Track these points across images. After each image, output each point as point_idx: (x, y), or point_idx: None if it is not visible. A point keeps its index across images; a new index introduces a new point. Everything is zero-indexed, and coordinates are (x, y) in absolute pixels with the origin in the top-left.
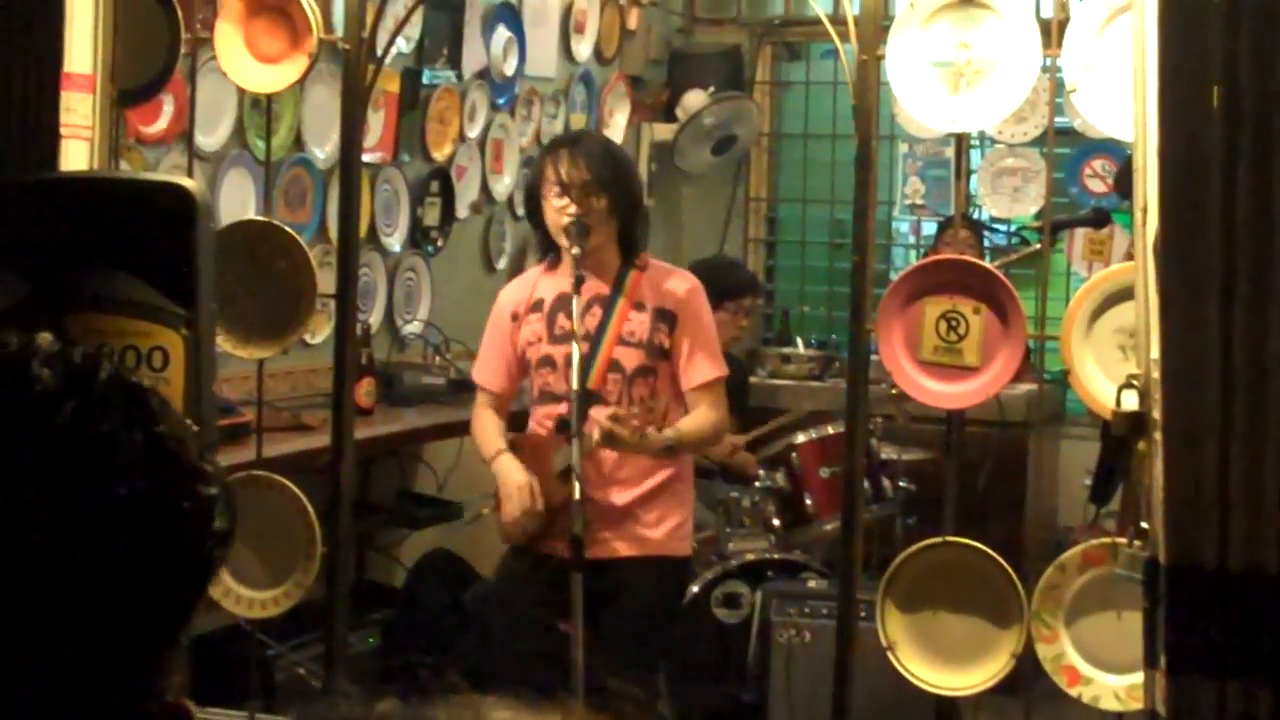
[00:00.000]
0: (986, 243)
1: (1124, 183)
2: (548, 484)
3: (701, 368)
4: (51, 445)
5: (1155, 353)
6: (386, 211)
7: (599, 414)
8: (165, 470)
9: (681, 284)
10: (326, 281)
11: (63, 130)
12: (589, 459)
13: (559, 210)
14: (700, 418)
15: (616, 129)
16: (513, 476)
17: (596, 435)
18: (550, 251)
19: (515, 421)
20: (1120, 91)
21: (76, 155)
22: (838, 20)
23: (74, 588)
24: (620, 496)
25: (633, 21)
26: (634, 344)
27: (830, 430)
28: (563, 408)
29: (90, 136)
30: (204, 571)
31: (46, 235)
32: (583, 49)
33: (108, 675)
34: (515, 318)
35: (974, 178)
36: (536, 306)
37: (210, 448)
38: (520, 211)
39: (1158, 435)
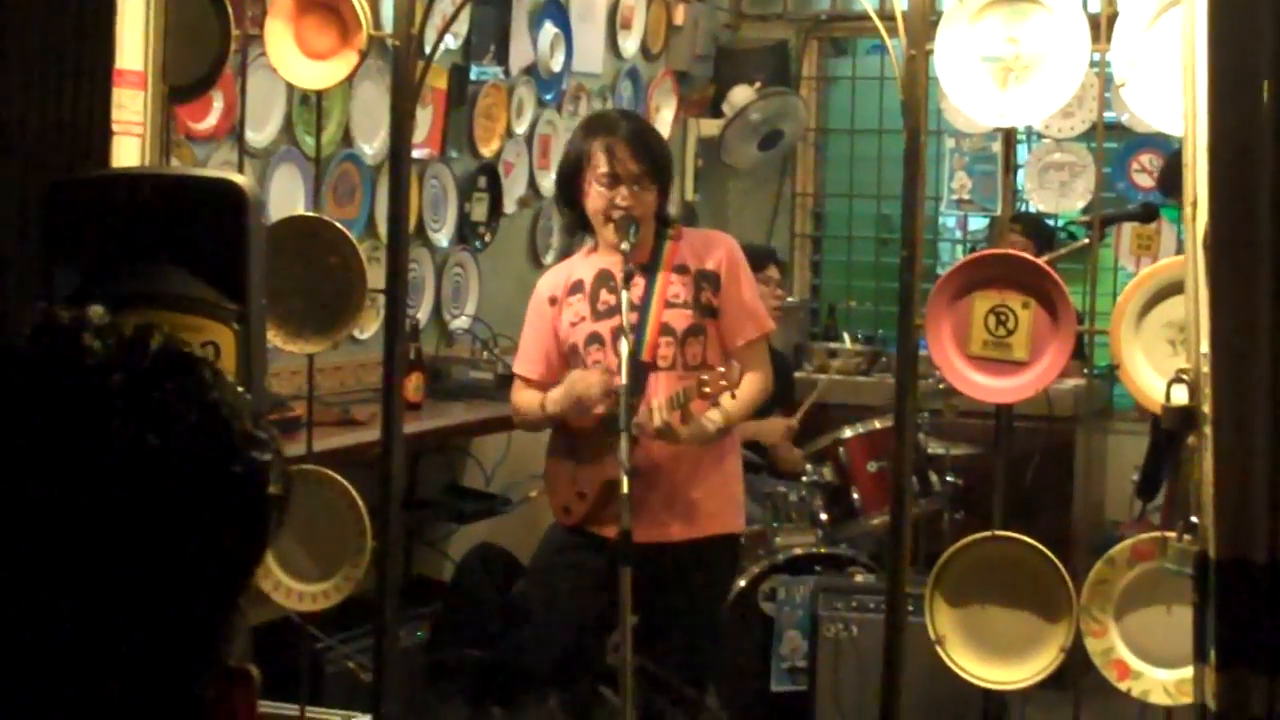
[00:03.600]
0: None
1: (1166, 180)
2: (604, 465)
3: (747, 324)
4: (104, 415)
5: (1205, 347)
6: (434, 207)
7: (657, 397)
8: (218, 437)
9: (720, 244)
10: (375, 277)
11: (114, 127)
12: (644, 437)
13: (607, 199)
14: (748, 384)
15: (663, 124)
16: (569, 384)
17: (654, 422)
18: (583, 231)
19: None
20: (1169, 86)
21: (128, 151)
22: (885, 15)
23: (130, 554)
24: (675, 474)
25: (679, 17)
26: (680, 305)
27: (877, 425)
28: (616, 381)
29: (141, 133)
30: (259, 536)
31: (98, 231)
32: (629, 45)
33: (167, 641)
34: (554, 302)
35: (1021, 172)
36: (576, 288)
37: (264, 416)
38: None
39: (1208, 430)
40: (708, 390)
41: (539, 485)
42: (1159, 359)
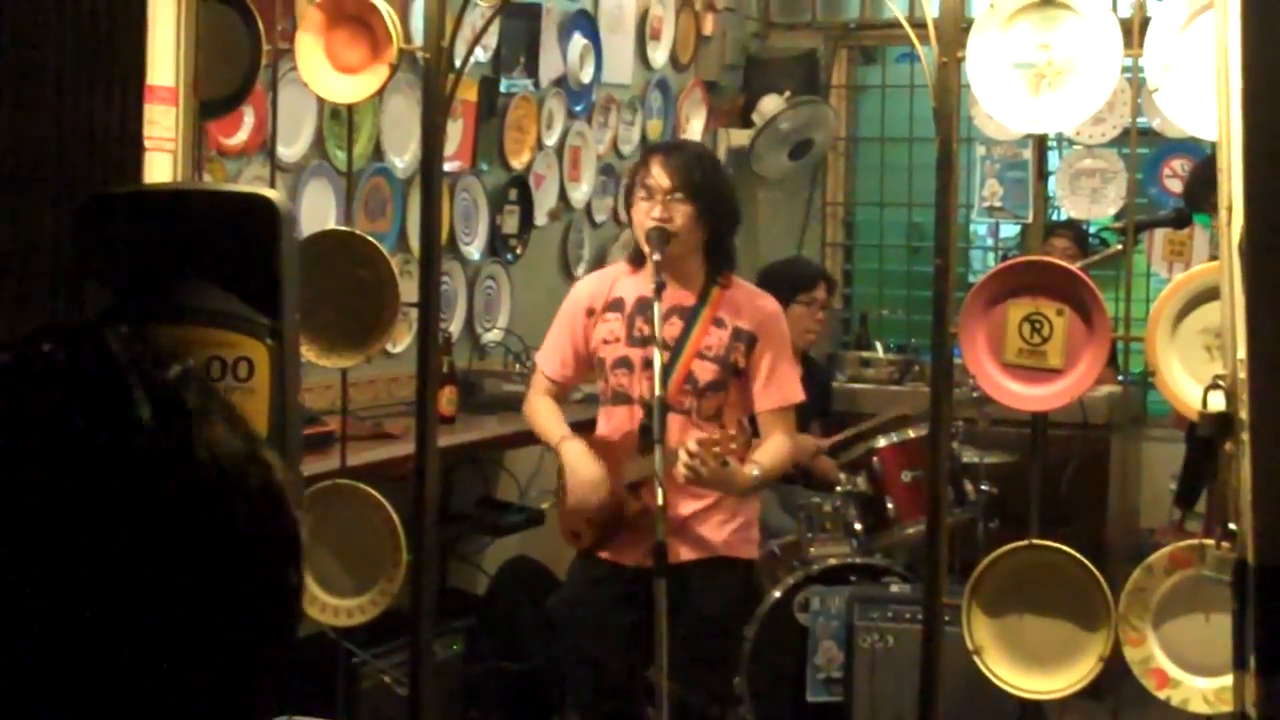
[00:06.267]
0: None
1: (1191, 191)
2: (618, 493)
3: (779, 391)
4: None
5: (1242, 353)
6: (465, 220)
7: (680, 446)
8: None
9: (763, 306)
10: (408, 290)
11: (146, 143)
12: (669, 473)
13: (644, 214)
14: (776, 447)
15: (693, 135)
16: (586, 468)
17: (680, 469)
18: (637, 253)
19: (583, 429)
20: (1202, 91)
21: (160, 167)
22: (916, 23)
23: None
24: (687, 506)
25: (708, 27)
26: (711, 358)
27: (911, 434)
28: (636, 411)
29: (173, 149)
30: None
31: (131, 247)
32: (659, 55)
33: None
34: (590, 313)
35: (1052, 179)
36: (615, 306)
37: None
38: (599, 218)
39: (1245, 436)
40: (717, 451)
41: (551, 498)
42: (1195, 365)
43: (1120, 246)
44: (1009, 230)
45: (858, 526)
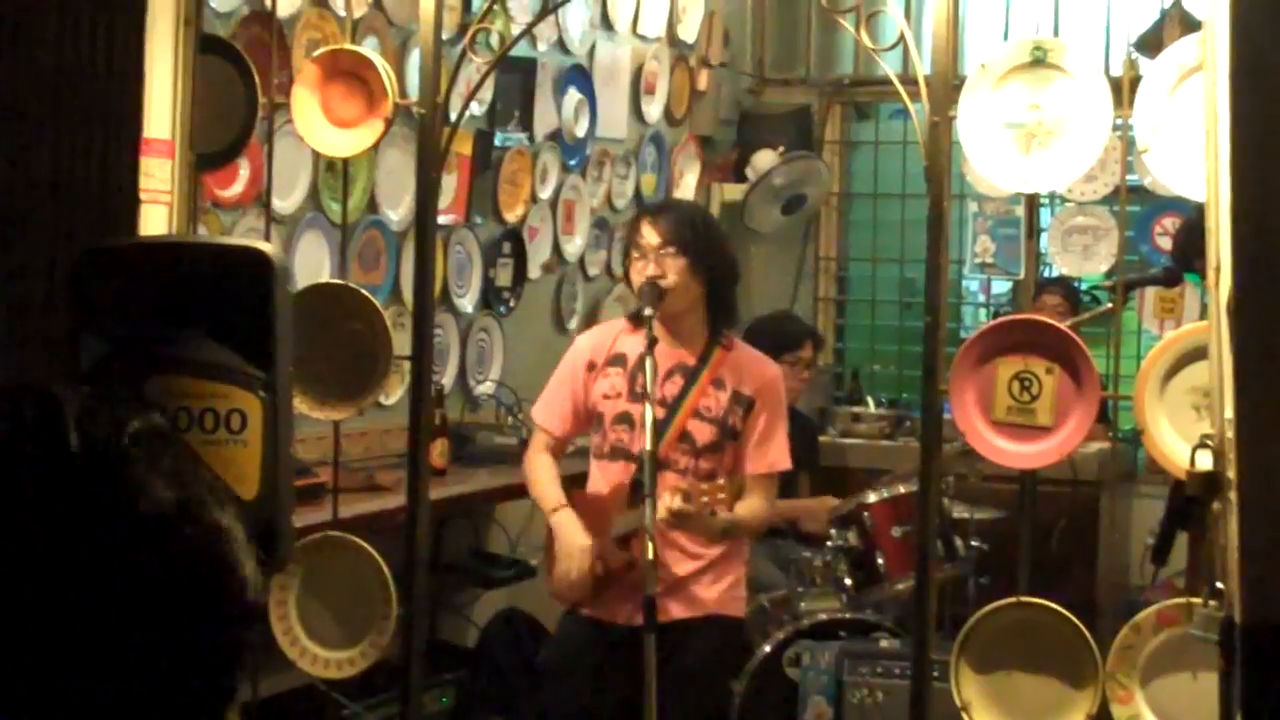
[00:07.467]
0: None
1: (1181, 249)
2: (605, 548)
3: (769, 456)
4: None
5: (1229, 412)
6: (459, 272)
7: (667, 490)
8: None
9: (764, 371)
10: (401, 343)
11: (142, 195)
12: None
13: (639, 272)
14: (755, 507)
15: (687, 189)
16: (574, 539)
17: (663, 513)
18: (638, 311)
19: (575, 482)
20: (1192, 151)
21: (155, 220)
22: (908, 80)
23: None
24: (681, 566)
25: (702, 82)
26: (709, 419)
27: (902, 489)
28: (633, 467)
29: (169, 201)
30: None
31: (126, 299)
32: (653, 110)
33: None
34: (592, 367)
35: (1044, 236)
36: (617, 360)
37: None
38: (592, 272)
39: (1232, 495)
40: (705, 500)
41: (540, 554)
42: (1184, 424)
43: (1111, 305)
44: (1001, 286)
45: (848, 581)
